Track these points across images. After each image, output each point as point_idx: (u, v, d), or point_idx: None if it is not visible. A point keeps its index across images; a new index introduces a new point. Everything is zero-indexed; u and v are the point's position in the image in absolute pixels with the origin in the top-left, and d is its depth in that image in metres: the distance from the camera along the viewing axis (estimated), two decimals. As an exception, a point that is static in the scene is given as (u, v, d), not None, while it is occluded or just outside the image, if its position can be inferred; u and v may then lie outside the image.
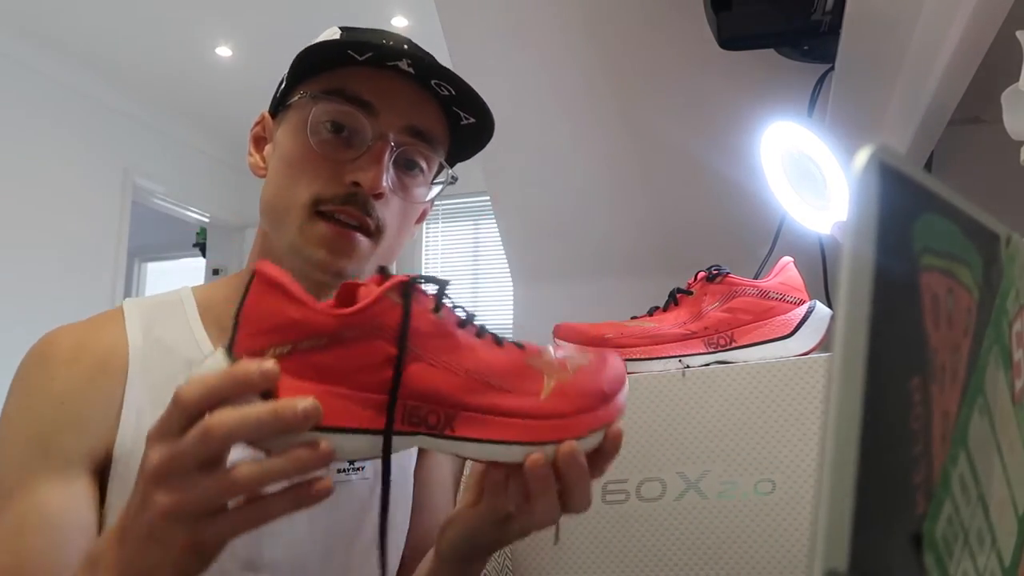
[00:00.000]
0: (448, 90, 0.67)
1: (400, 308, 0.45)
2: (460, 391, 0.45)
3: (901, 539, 0.22)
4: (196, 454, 0.40)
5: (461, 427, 0.45)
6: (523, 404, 0.46)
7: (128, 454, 0.62)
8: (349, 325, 0.44)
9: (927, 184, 0.25)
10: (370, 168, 0.63)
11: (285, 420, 0.41)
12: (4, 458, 0.61)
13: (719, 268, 0.78)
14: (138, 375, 0.65)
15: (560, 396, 0.47)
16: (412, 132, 0.66)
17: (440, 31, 1.22)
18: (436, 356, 0.45)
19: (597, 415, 0.48)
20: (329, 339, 0.43)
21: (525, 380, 0.47)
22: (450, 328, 0.46)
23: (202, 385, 0.41)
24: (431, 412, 0.45)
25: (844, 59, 0.85)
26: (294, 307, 0.43)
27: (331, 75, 0.66)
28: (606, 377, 0.49)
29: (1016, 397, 0.30)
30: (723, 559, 0.65)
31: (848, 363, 0.20)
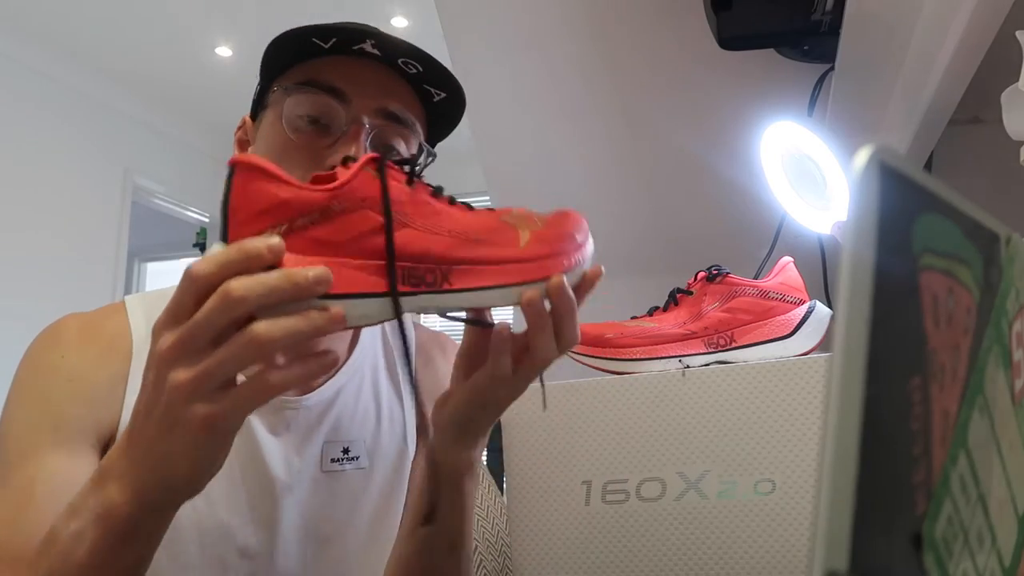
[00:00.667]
0: (416, 67, 0.67)
1: (378, 181, 0.48)
2: (449, 248, 0.49)
3: (901, 539, 0.22)
4: (214, 323, 0.41)
5: (457, 280, 0.49)
6: (507, 253, 0.50)
7: None
8: (336, 198, 0.46)
9: (927, 184, 0.25)
10: (348, 149, 0.64)
11: (298, 285, 0.42)
12: (14, 430, 0.63)
13: (719, 268, 0.78)
14: (142, 360, 0.66)
15: (538, 242, 0.51)
16: (385, 114, 0.67)
17: (440, 31, 1.22)
18: (419, 221, 0.49)
19: (573, 255, 0.52)
20: (320, 213, 0.46)
21: (503, 234, 0.51)
22: (425, 197, 0.50)
23: (214, 260, 0.42)
24: (427, 271, 0.48)
25: (844, 59, 0.85)
26: (282, 188, 0.45)
27: (301, 67, 0.67)
28: (574, 223, 0.53)
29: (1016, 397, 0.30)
30: (723, 559, 0.65)
31: (848, 363, 0.20)
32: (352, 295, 0.46)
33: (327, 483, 0.69)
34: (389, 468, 0.74)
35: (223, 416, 0.42)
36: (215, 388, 0.41)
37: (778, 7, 0.91)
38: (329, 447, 0.70)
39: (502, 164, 1.37)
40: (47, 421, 0.62)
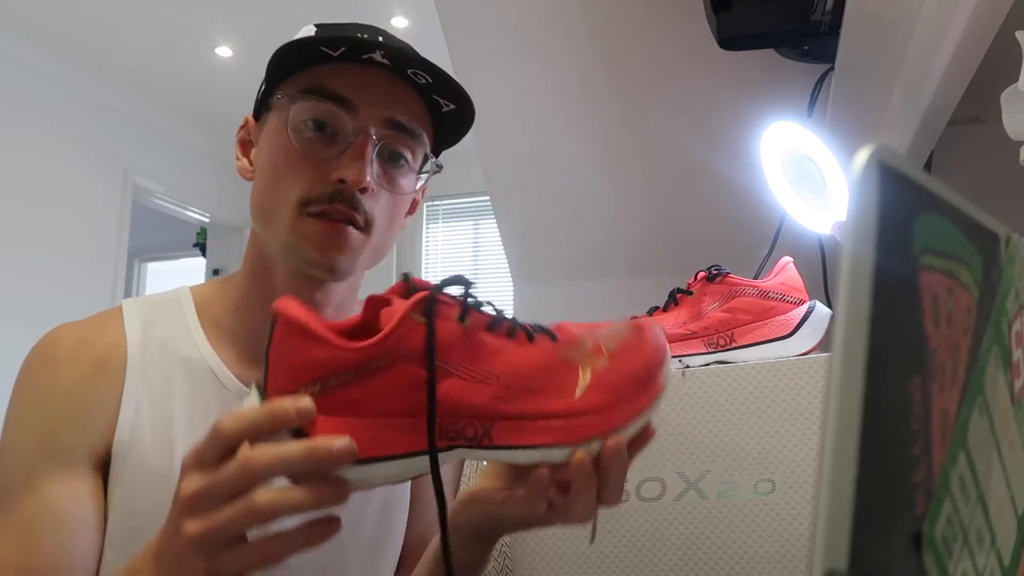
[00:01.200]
0: (425, 78, 0.66)
1: (424, 327, 0.44)
2: (494, 400, 0.45)
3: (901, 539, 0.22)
4: (232, 485, 0.42)
5: (499, 436, 0.45)
6: (559, 404, 0.45)
7: (125, 452, 0.63)
8: (374, 357, 0.43)
9: (927, 184, 0.25)
10: (354, 164, 0.63)
11: (319, 459, 0.42)
12: (10, 456, 0.62)
13: (719, 268, 0.78)
14: (136, 373, 0.65)
15: (596, 389, 0.46)
16: (393, 124, 0.66)
17: (440, 31, 1.22)
18: (466, 368, 0.45)
19: (635, 404, 0.47)
20: (356, 373, 0.43)
21: (560, 376, 0.46)
22: (478, 335, 0.46)
23: (242, 419, 0.42)
24: (468, 425, 0.45)
25: (844, 59, 0.85)
26: (317, 346, 0.43)
27: (308, 73, 0.66)
28: (644, 358, 0.47)
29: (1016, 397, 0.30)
30: (723, 559, 0.65)
31: (848, 363, 0.20)
32: (384, 458, 0.44)
33: None
34: None
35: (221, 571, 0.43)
36: (221, 545, 0.43)
37: (778, 7, 0.91)
38: None
39: (502, 164, 1.37)
40: (43, 447, 0.61)
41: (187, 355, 0.67)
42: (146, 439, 0.63)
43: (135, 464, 0.62)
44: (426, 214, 5.00)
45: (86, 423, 0.63)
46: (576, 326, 0.50)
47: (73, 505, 0.60)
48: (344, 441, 0.42)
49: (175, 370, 0.66)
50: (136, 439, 0.63)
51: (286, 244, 0.64)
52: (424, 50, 0.73)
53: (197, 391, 0.66)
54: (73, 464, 0.61)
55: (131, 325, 0.68)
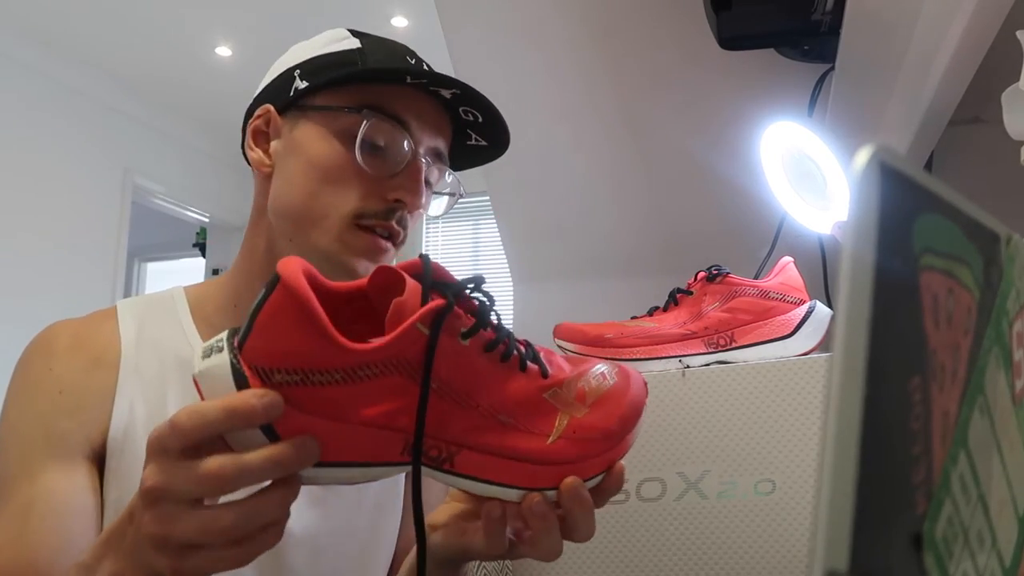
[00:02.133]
0: (474, 116, 0.69)
1: (426, 340, 0.42)
2: (468, 428, 0.44)
3: (901, 539, 0.22)
4: (187, 493, 0.40)
5: (461, 464, 0.44)
6: (529, 446, 0.45)
7: (120, 448, 0.63)
8: (368, 363, 0.41)
9: (927, 184, 0.25)
10: (413, 187, 0.66)
11: (285, 466, 0.40)
12: (8, 445, 0.63)
13: (719, 268, 0.78)
14: (130, 371, 0.66)
15: (569, 440, 0.45)
16: (436, 153, 0.69)
17: (440, 31, 1.22)
18: (450, 389, 0.43)
19: (603, 458, 0.46)
20: (344, 375, 0.41)
21: (537, 417, 0.45)
22: (473, 357, 0.44)
23: (200, 417, 0.39)
24: (433, 446, 0.44)
25: (844, 59, 0.85)
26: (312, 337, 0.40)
27: (362, 88, 0.66)
28: (621, 412, 0.47)
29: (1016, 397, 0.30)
30: (723, 559, 0.65)
31: (848, 363, 0.20)
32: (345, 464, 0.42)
33: (322, 496, 0.69)
34: (382, 483, 0.74)
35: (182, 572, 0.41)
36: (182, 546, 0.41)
37: (778, 7, 0.91)
38: None
39: (502, 164, 1.37)
40: (41, 437, 0.62)
41: (181, 354, 0.67)
42: (140, 437, 0.63)
43: (129, 461, 0.63)
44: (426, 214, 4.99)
45: (83, 415, 0.63)
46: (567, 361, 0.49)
47: (71, 493, 0.60)
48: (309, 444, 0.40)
49: (169, 369, 0.67)
50: (130, 437, 0.63)
51: (327, 251, 0.65)
52: (424, 50, 0.73)
53: (191, 389, 0.66)
54: (70, 454, 0.62)
55: (125, 324, 0.68)
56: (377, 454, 0.42)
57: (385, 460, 0.43)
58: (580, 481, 0.46)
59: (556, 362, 0.49)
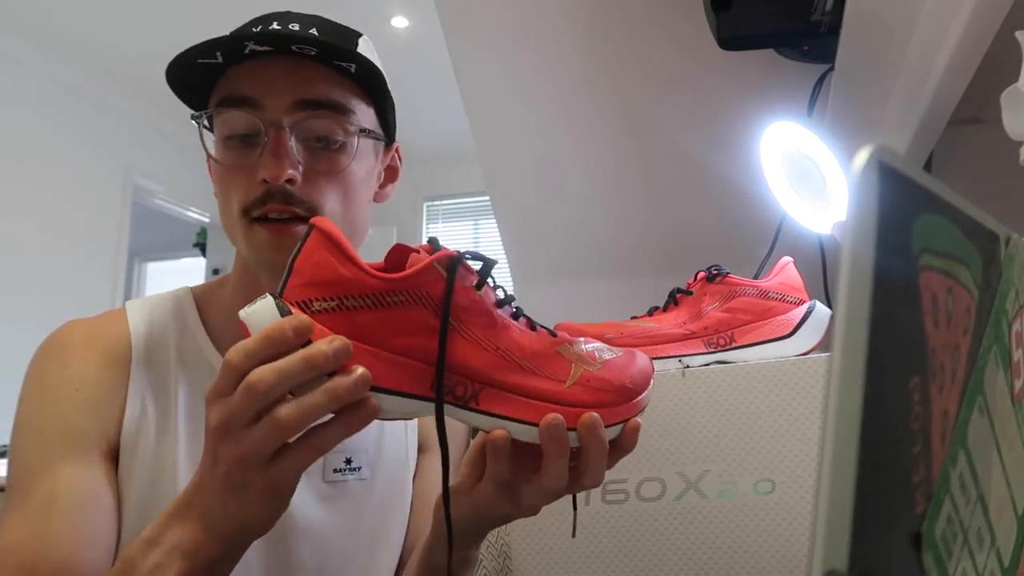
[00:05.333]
0: (311, 50, 0.63)
1: (444, 281, 0.46)
2: (490, 367, 0.47)
3: (901, 539, 0.22)
4: (245, 411, 0.43)
5: (485, 401, 0.47)
6: (547, 387, 0.48)
7: (132, 446, 0.64)
8: (394, 290, 0.45)
9: (927, 184, 0.25)
10: (269, 160, 0.62)
11: (316, 363, 0.43)
12: (27, 442, 0.63)
13: (719, 268, 0.78)
14: (140, 370, 0.67)
15: (584, 386, 0.48)
16: (304, 105, 0.64)
17: (440, 31, 1.22)
18: (472, 331, 0.47)
19: (617, 410, 0.49)
20: (374, 300, 0.45)
21: (553, 365, 0.49)
22: (488, 306, 0.48)
23: (244, 351, 0.44)
24: (459, 383, 0.47)
25: (844, 59, 0.85)
26: (345, 264, 0.45)
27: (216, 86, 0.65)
28: (631, 374, 0.50)
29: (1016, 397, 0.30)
30: (723, 559, 0.65)
31: (848, 363, 0.20)
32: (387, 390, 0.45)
33: (330, 493, 0.69)
34: (390, 479, 0.74)
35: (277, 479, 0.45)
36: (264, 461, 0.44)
37: (778, 7, 0.91)
38: (332, 457, 0.70)
39: (502, 164, 1.37)
40: (59, 434, 0.62)
41: (189, 352, 0.68)
42: (150, 434, 0.64)
43: (141, 458, 0.64)
44: (426, 214, 5.00)
45: (99, 412, 0.64)
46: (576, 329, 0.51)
47: (90, 489, 0.61)
48: (338, 341, 0.43)
49: (177, 367, 0.67)
50: (142, 434, 0.64)
51: (248, 257, 0.66)
52: (424, 50, 0.72)
53: (199, 387, 0.67)
54: (89, 451, 0.62)
55: (135, 324, 0.69)
56: (409, 385, 0.46)
57: (416, 392, 0.46)
58: (599, 418, 0.47)
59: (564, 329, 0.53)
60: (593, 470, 0.49)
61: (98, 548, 0.59)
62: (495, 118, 1.27)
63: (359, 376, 0.44)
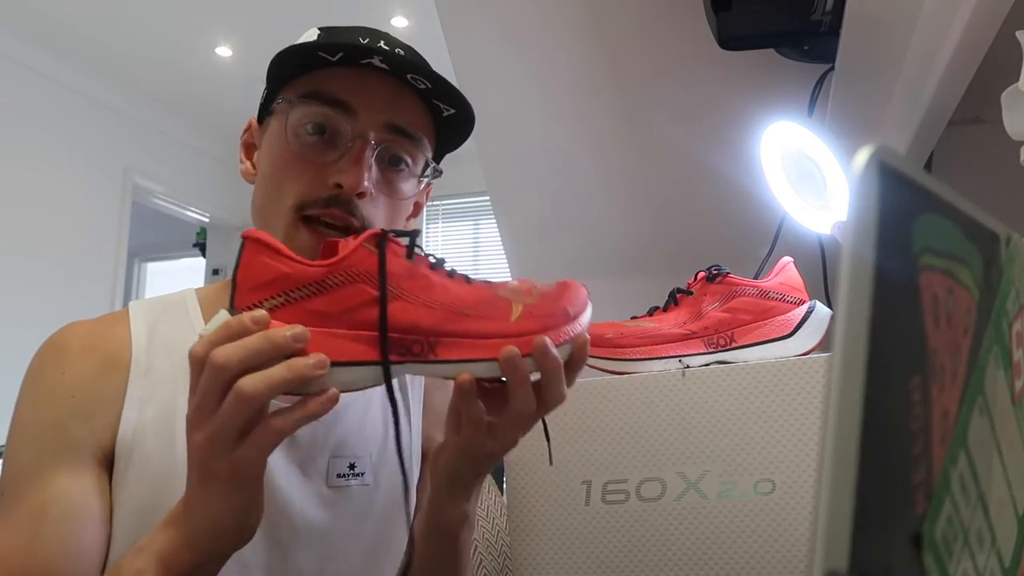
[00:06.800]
0: (424, 83, 0.66)
1: (376, 256, 0.50)
2: (438, 321, 0.51)
3: (901, 539, 0.22)
4: (211, 391, 0.46)
5: (443, 351, 0.51)
6: (495, 327, 0.52)
7: (129, 451, 0.63)
8: (333, 273, 0.49)
9: (927, 184, 0.25)
10: (351, 169, 0.64)
11: (276, 341, 0.46)
12: (21, 447, 0.63)
13: (719, 268, 0.78)
14: (140, 373, 0.66)
15: (528, 317, 0.52)
16: (393, 129, 0.66)
17: (440, 31, 1.22)
18: (413, 294, 0.51)
19: (562, 330, 0.53)
20: (317, 287, 0.49)
21: (495, 308, 0.53)
22: (423, 270, 0.52)
23: (205, 340, 0.47)
24: (415, 342, 0.51)
25: (844, 59, 0.85)
26: (282, 262, 0.49)
27: (308, 78, 0.66)
28: (568, 299, 0.54)
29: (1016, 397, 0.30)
30: (723, 559, 0.65)
31: (848, 363, 0.20)
32: (343, 363, 0.49)
33: (332, 498, 0.69)
34: (393, 485, 0.74)
35: (241, 462, 0.47)
36: (230, 442, 0.46)
37: (778, 7, 0.91)
38: (335, 462, 0.70)
39: (502, 164, 1.37)
40: (53, 442, 0.62)
41: None
42: (150, 438, 0.63)
43: (139, 463, 0.63)
44: (426, 214, 5.00)
45: (95, 420, 0.63)
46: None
47: (82, 498, 0.60)
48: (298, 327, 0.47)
49: (180, 370, 0.66)
50: (140, 439, 0.63)
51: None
52: (424, 50, 0.72)
53: None
54: (82, 458, 0.62)
55: (137, 326, 0.69)
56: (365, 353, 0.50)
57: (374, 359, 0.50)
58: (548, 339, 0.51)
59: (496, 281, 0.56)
60: (554, 388, 0.52)
61: (86, 559, 0.59)
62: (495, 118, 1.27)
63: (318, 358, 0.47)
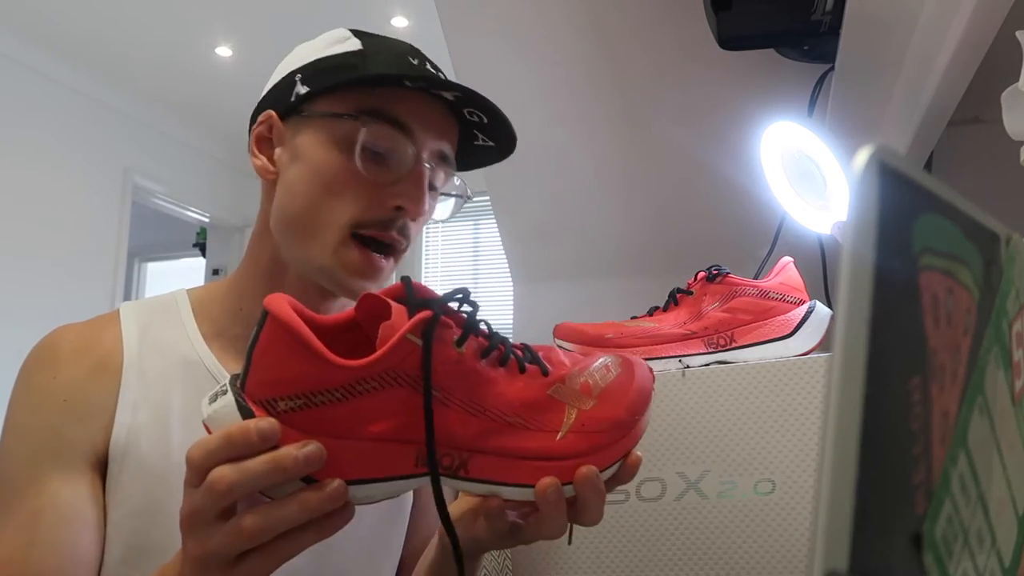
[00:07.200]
0: (479, 117, 0.67)
1: (420, 351, 0.42)
2: (478, 434, 0.44)
3: (901, 539, 0.22)
4: (208, 508, 0.41)
5: (475, 469, 0.44)
6: (540, 444, 0.45)
7: (123, 453, 0.63)
8: (366, 378, 0.42)
9: (927, 184, 0.25)
10: (414, 192, 0.64)
11: (285, 467, 0.40)
12: (13, 453, 0.63)
13: (719, 268, 0.78)
14: (133, 375, 0.65)
15: (578, 434, 0.45)
16: (441, 157, 0.68)
17: (440, 31, 1.22)
18: (454, 396, 0.44)
19: (615, 448, 0.47)
20: (344, 392, 0.41)
21: (545, 414, 0.45)
22: (470, 364, 0.45)
23: (204, 448, 0.42)
24: (445, 455, 0.44)
25: (844, 59, 0.85)
26: (307, 359, 0.41)
27: (368, 93, 0.65)
28: (629, 400, 0.47)
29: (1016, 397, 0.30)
30: (723, 559, 0.65)
31: (848, 363, 0.20)
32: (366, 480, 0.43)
33: None
34: None
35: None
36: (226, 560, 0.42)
37: (778, 7, 0.91)
38: None
39: (502, 164, 1.37)
40: (46, 446, 0.61)
41: (185, 357, 0.67)
42: (143, 441, 0.63)
43: (133, 466, 0.62)
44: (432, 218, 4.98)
45: (88, 423, 0.63)
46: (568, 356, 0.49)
47: (76, 503, 0.60)
48: (311, 447, 0.41)
49: (173, 372, 0.66)
50: (133, 441, 0.63)
51: (323, 265, 0.64)
52: (424, 50, 0.72)
53: (195, 392, 0.66)
54: (75, 463, 0.62)
55: (128, 328, 0.68)
56: (392, 468, 0.43)
57: (401, 473, 0.43)
58: (596, 471, 0.46)
59: (557, 359, 0.49)
60: (592, 513, 0.48)
61: (81, 564, 0.59)
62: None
63: (334, 489, 0.41)
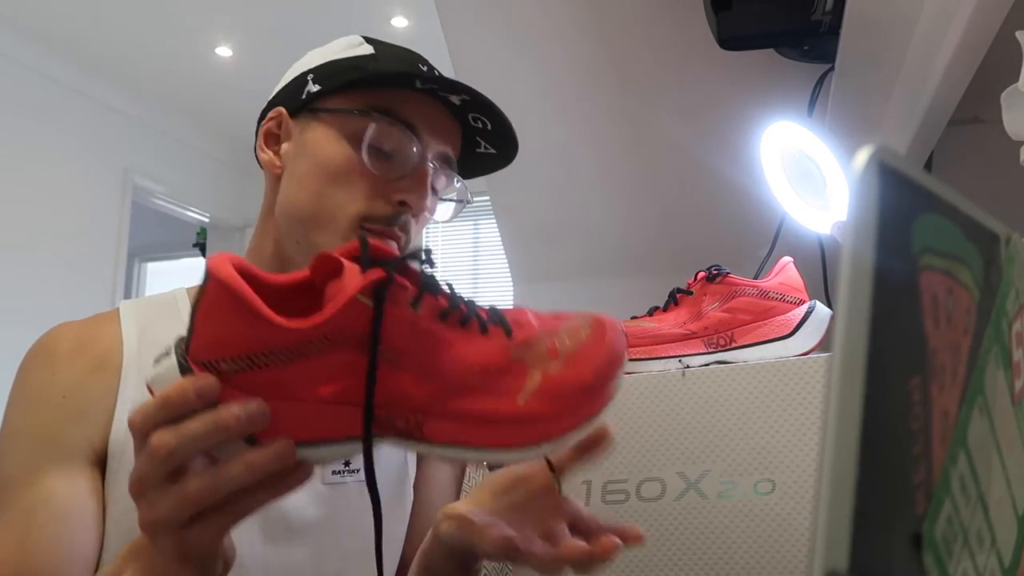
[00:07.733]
0: (483, 122, 0.69)
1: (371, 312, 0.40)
2: (433, 396, 0.42)
3: (901, 539, 0.22)
4: (151, 474, 0.40)
5: (431, 431, 0.42)
6: (498, 407, 0.42)
7: (121, 451, 0.63)
8: (311, 340, 0.39)
9: (927, 184, 0.25)
10: (418, 188, 0.66)
11: (226, 426, 0.39)
12: (11, 451, 0.63)
13: (719, 268, 0.78)
14: (132, 372, 0.66)
15: (541, 397, 0.43)
16: (444, 158, 0.69)
17: (440, 31, 1.22)
18: (408, 359, 0.42)
19: (578, 415, 0.44)
20: (289, 354, 0.39)
21: (506, 377, 0.43)
22: (427, 324, 0.42)
23: (143, 413, 0.40)
24: (399, 417, 0.42)
25: (844, 59, 0.85)
26: (251, 321, 0.39)
27: (379, 93, 0.67)
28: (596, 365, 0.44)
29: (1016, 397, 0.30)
30: (723, 559, 0.65)
31: (848, 363, 0.20)
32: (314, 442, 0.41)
33: (328, 495, 0.69)
34: (389, 483, 0.74)
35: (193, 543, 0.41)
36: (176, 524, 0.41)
37: (778, 7, 0.91)
38: None
39: (502, 164, 1.37)
40: (44, 443, 0.62)
41: None
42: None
43: (132, 463, 0.62)
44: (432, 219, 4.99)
45: (85, 420, 0.63)
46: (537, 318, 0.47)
47: (73, 500, 0.60)
48: (253, 406, 0.39)
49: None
50: (130, 439, 0.63)
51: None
52: (424, 50, 0.73)
53: None
54: (73, 460, 0.62)
55: (128, 326, 0.68)
56: (339, 431, 0.41)
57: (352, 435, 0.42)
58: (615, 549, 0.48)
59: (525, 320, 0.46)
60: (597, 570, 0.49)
61: (78, 562, 0.59)
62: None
63: (280, 447, 0.40)
